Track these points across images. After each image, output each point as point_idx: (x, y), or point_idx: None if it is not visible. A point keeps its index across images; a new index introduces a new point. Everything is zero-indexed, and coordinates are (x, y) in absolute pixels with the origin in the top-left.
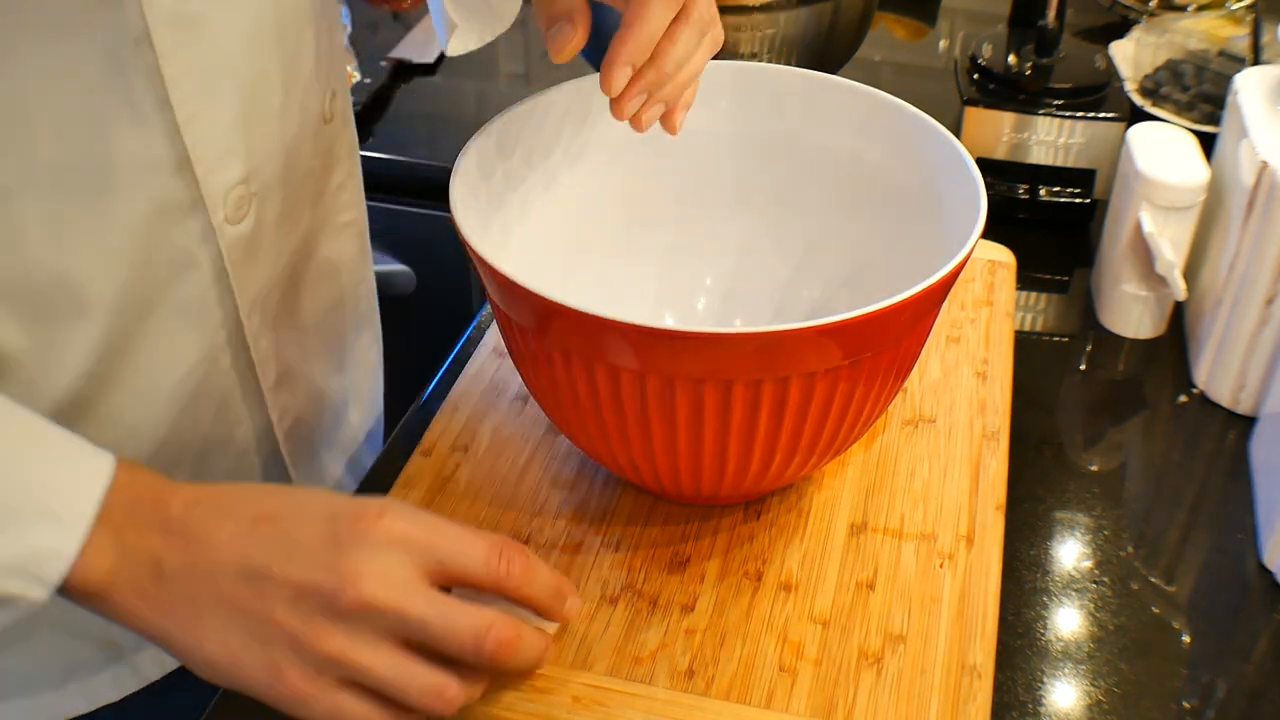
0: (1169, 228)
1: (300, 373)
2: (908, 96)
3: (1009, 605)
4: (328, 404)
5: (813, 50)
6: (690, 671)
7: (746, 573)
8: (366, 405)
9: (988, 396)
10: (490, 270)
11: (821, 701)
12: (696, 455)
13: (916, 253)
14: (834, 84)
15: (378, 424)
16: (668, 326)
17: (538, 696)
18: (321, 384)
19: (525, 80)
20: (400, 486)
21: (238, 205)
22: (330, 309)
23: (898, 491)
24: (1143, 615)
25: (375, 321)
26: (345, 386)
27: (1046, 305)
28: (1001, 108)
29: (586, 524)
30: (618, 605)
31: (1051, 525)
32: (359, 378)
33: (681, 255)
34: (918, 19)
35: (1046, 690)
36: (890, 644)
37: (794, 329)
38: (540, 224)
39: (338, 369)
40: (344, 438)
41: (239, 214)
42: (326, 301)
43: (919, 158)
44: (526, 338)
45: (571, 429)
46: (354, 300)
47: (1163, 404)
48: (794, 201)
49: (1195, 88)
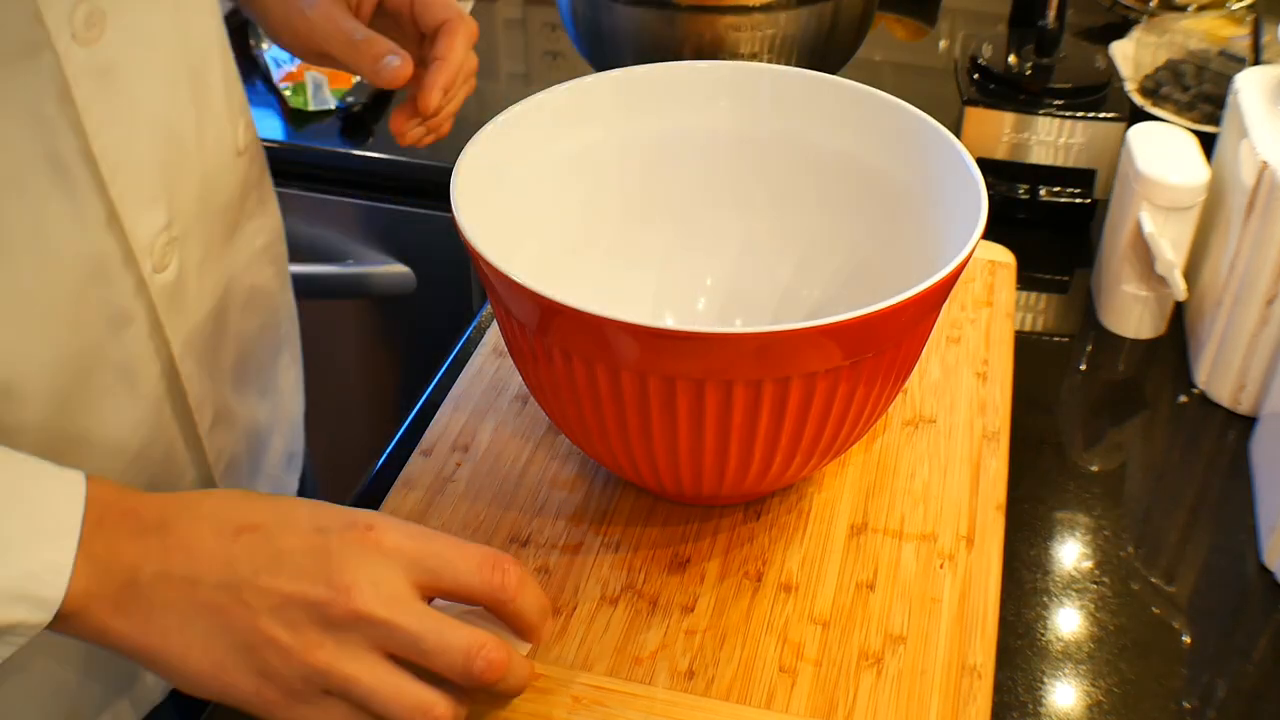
0: (1169, 228)
1: (232, 409)
2: (908, 96)
3: (1009, 605)
4: (255, 436)
5: (813, 50)
6: (690, 672)
7: (746, 573)
8: (287, 429)
9: (988, 397)
10: (491, 270)
11: (821, 702)
12: (697, 455)
13: (917, 253)
14: (834, 84)
15: (298, 445)
16: (668, 326)
17: (538, 696)
18: (249, 416)
19: (525, 80)
20: (400, 486)
21: (163, 253)
22: (255, 338)
23: (898, 492)
24: (1143, 615)
25: (295, 340)
26: (270, 413)
27: (1046, 305)
28: (1001, 108)
29: (586, 524)
30: (618, 605)
31: (1051, 525)
32: (281, 401)
33: (681, 255)
34: (918, 19)
35: (1046, 690)
36: (890, 644)
37: (794, 329)
38: (541, 224)
39: (262, 395)
40: (268, 465)
41: (164, 261)
42: (252, 331)
43: (919, 158)
44: (527, 337)
45: (571, 429)
46: (274, 325)
47: (1163, 404)
48: (794, 201)
49: (1195, 88)
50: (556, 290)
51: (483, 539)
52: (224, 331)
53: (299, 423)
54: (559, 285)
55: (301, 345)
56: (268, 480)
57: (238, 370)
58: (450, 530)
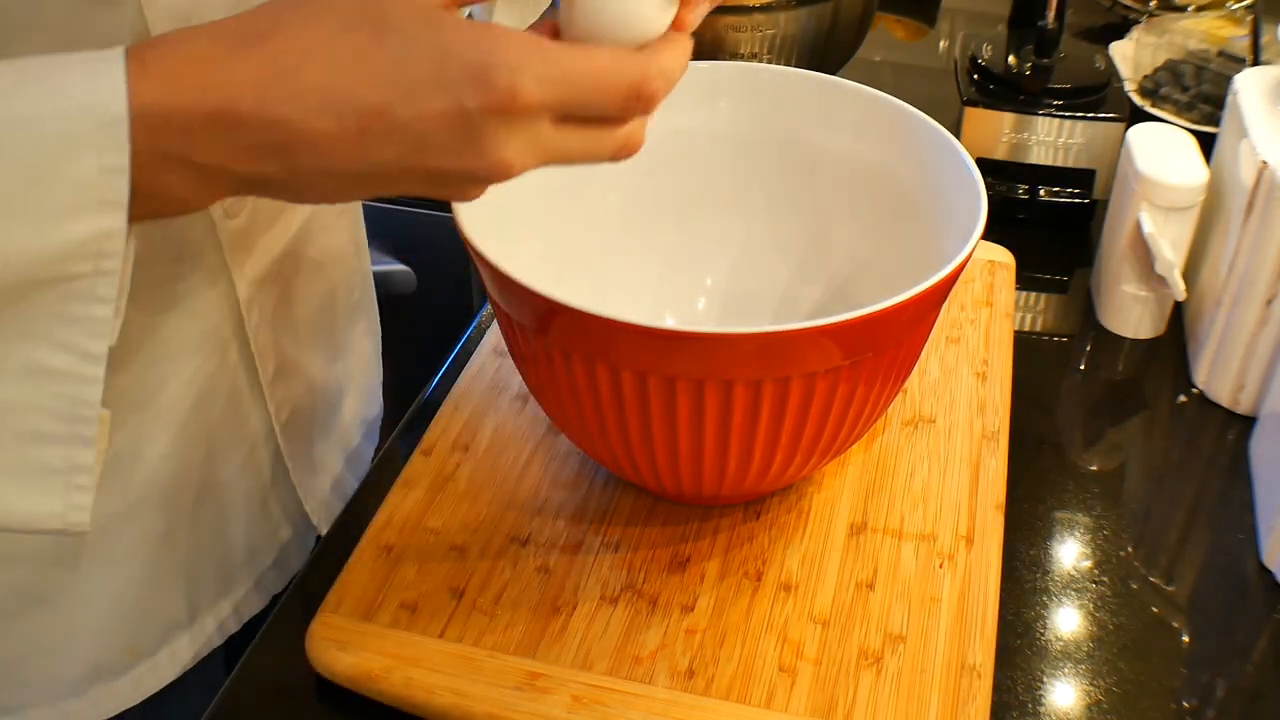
0: (1169, 228)
1: (296, 364)
2: (908, 96)
3: (1009, 605)
4: (323, 395)
5: (813, 50)
6: (690, 671)
7: (746, 573)
8: (363, 395)
9: (987, 397)
10: (492, 269)
11: (821, 701)
12: (697, 455)
13: (917, 253)
14: (834, 84)
15: (376, 414)
16: (668, 326)
17: (538, 696)
18: (317, 374)
19: None
20: (400, 486)
21: (235, 200)
22: (325, 299)
23: (898, 491)
24: (1143, 615)
25: (372, 311)
26: (340, 376)
27: (1046, 305)
28: (1001, 108)
29: (586, 524)
30: (618, 605)
31: (1051, 525)
32: (354, 367)
33: (681, 255)
34: (918, 19)
35: (1046, 690)
36: (890, 644)
37: (794, 329)
38: (541, 223)
39: (332, 359)
40: (340, 429)
41: (236, 207)
42: (321, 292)
43: (919, 158)
44: (527, 337)
45: (572, 428)
46: (347, 289)
47: (1162, 404)
48: (794, 201)
49: (1195, 88)
50: (556, 290)
51: (483, 539)
52: (291, 285)
53: (377, 391)
54: (559, 285)
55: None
56: (338, 444)
57: (306, 327)
58: (450, 530)
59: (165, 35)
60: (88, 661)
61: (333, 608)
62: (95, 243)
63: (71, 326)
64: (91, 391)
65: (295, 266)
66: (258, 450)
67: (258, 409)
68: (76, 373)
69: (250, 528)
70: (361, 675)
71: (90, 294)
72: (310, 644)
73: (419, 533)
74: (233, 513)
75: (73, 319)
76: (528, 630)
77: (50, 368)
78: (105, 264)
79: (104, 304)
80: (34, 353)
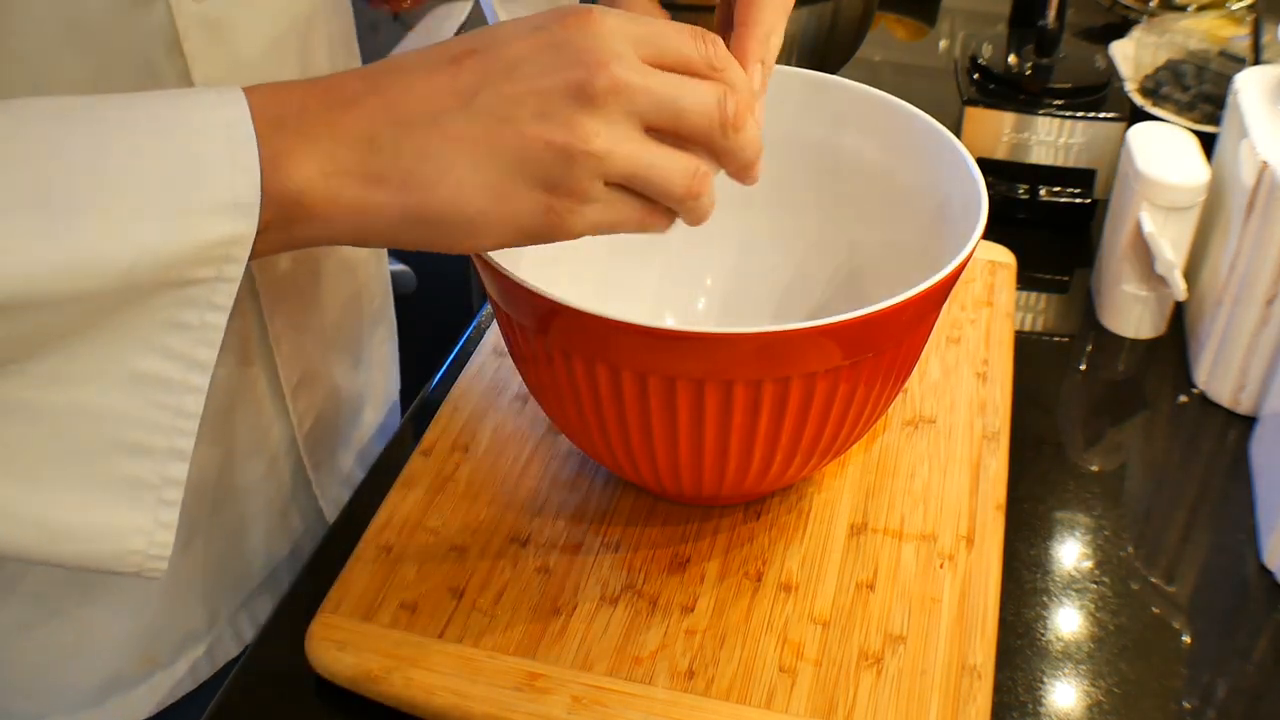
0: (1169, 228)
1: (319, 373)
2: (908, 96)
3: (1009, 605)
4: (344, 403)
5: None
6: (690, 672)
7: (746, 573)
8: (381, 402)
9: (988, 397)
10: (491, 269)
11: (821, 702)
12: (697, 455)
13: (917, 253)
14: (834, 84)
15: (392, 419)
16: (668, 326)
17: (538, 696)
18: (339, 383)
19: None
20: (400, 486)
21: None
22: (346, 307)
23: (898, 492)
24: (1143, 615)
25: (390, 317)
26: (361, 384)
27: (1046, 305)
28: (1001, 108)
29: (586, 524)
30: (618, 605)
31: (1051, 525)
32: (374, 374)
33: (681, 255)
34: (918, 19)
35: (1046, 690)
36: (890, 644)
37: (794, 329)
38: None
39: (354, 366)
40: (359, 436)
41: None
42: (343, 299)
43: (919, 158)
44: (527, 337)
45: (571, 429)
46: (369, 296)
47: (1163, 404)
48: (794, 201)
49: (1195, 88)
50: (556, 290)
51: (483, 539)
52: (313, 292)
53: (393, 398)
54: (559, 285)
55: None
56: (359, 453)
57: (329, 334)
58: (450, 530)
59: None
60: (106, 671)
61: (332, 608)
62: (223, 247)
63: (182, 333)
64: (194, 402)
65: (317, 272)
66: (279, 460)
67: (280, 418)
68: (182, 381)
69: (270, 537)
70: (361, 675)
71: (207, 300)
72: (310, 644)
73: (419, 533)
74: (253, 523)
75: (185, 326)
76: (527, 631)
77: (155, 375)
78: (228, 269)
79: (219, 312)
80: (140, 360)
